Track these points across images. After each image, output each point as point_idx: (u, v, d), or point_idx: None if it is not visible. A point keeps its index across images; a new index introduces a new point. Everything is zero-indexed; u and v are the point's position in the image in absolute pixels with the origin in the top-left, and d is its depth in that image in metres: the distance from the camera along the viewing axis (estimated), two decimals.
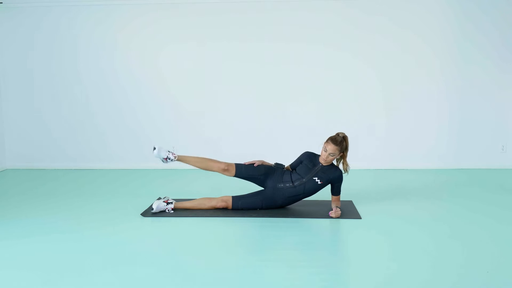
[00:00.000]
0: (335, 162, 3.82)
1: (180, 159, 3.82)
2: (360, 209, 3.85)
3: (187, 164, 3.90)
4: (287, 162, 4.12)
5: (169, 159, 3.77)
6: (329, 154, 3.64)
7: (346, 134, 3.75)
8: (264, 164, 3.87)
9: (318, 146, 3.90)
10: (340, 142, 3.64)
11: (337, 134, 3.71)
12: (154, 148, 3.77)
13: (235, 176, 3.83)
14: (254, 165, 3.83)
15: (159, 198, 3.86)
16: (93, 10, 5.82)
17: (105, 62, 5.90)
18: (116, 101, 5.96)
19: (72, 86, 5.96)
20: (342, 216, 3.62)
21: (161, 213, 3.72)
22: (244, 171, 3.81)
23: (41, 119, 6.03)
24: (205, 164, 3.84)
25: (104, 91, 5.95)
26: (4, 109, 6.06)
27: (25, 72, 5.97)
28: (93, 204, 4.09)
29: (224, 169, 3.79)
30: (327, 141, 3.67)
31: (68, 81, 5.95)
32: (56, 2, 5.81)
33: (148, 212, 3.76)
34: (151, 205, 3.83)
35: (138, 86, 5.92)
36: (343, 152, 3.71)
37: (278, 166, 3.86)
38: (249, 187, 4.10)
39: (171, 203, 3.79)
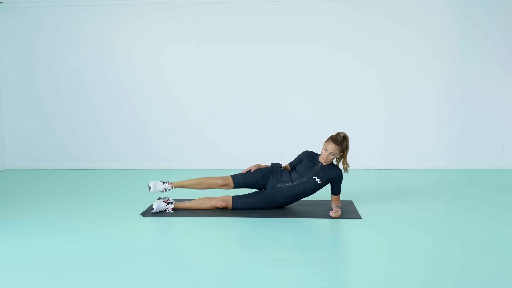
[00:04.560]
0: (335, 162, 3.83)
1: (177, 185, 3.85)
2: (360, 209, 3.84)
3: (187, 188, 3.90)
4: (287, 162, 4.12)
5: (167, 189, 3.80)
6: (330, 153, 3.64)
7: (347, 134, 3.75)
8: (260, 167, 3.87)
9: (318, 145, 3.90)
10: (340, 141, 3.64)
11: (338, 134, 3.71)
12: (149, 188, 3.78)
13: (235, 187, 3.84)
14: (251, 171, 3.83)
15: (159, 198, 3.86)
16: (94, 10, 5.82)
17: (106, 62, 5.90)
18: (117, 100, 5.96)
19: (73, 86, 5.96)
20: (342, 216, 3.62)
21: (161, 213, 3.72)
22: (242, 181, 3.82)
23: (42, 119, 6.03)
24: (203, 185, 3.85)
25: (105, 91, 5.95)
26: (5, 109, 6.06)
27: (26, 72, 5.97)
28: (93, 204, 4.09)
29: (222, 184, 3.81)
30: (327, 140, 3.67)
31: (69, 81, 5.95)
32: (57, 2, 5.81)
33: (148, 212, 3.76)
34: (151, 205, 3.83)
35: (139, 86, 5.92)
36: (343, 152, 3.71)
37: (275, 166, 3.86)
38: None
39: (171, 203, 3.79)
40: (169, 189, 3.82)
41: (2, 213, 3.82)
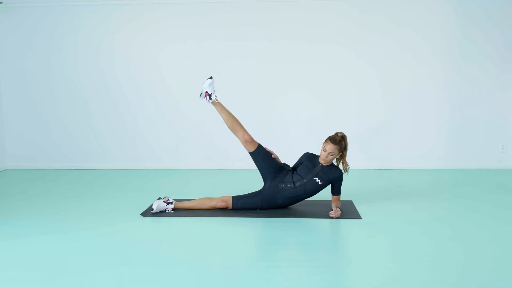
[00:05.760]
0: (334, 162, 3.83)
1: (214, 103, 3.92)
2: (360, 209, 3.84)
3: (218, 112, 3.94)
4: (285, 161, 4.11)
5: (209, 97, 3.92)
6: (329, 153, 3.64)
7: (346, 134, 3.76)
8: (277, 160, 3.88)
9: (317, 146, 3.90)
10: (339, 141, 3.65)
11: (336, 134, 3.72)
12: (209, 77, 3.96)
13: (252, 152, 3.78)
14: (272, 156, 3.83)
15: (159, 198, 3.86)
16: (92, 10, 5.81)
17: (104, 62, 5.90)
18: (115, 101, 5.95)
19: (71, 86, 5.96)
20: (342, 216, 3.62)
21: (161, 213, 3.72)
22: (262, 154, 3.77)
23: (41, 119, 6.03)
24: (234, 125, 3.82)
25: (103, 91, 5.95)
26: (4, 109, 6.05)
27: (24, 72, 5.97)
28: (93, 204, 4.09)
29: (248, 140, 3.75)
30: (326, 141, 3.67)
31: (67, 81, 5.95)
32: (55, 2, 5.80)
33: (148, 212, 3.76)
34: (151, 205, 3.83)
35: (137, 86, 5.92)
36: (342, 152, 3.71)
37: (285, 167, 3.87)
38: (249, 188, 4.10)
39: (171, 203, 3.79)
40: (211, 99, 3.91)
41: (2, 213, 3.82)
